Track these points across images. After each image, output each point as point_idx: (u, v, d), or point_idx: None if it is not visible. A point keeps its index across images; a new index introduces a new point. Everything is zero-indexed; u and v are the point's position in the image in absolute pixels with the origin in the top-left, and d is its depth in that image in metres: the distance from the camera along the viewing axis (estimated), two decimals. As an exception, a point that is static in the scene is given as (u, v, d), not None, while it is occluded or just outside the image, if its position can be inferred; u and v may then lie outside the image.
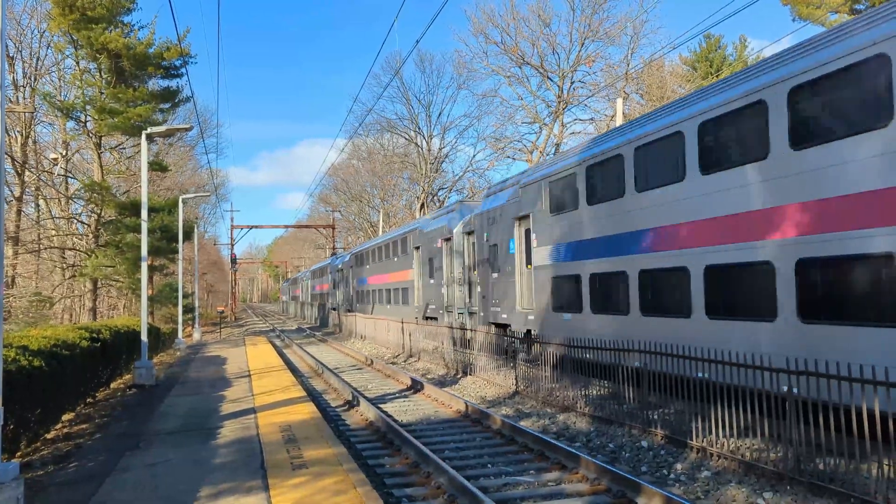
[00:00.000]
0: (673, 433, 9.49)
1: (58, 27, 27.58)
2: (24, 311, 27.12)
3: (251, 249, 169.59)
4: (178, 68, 31.54)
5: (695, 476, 8.18)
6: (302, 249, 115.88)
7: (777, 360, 8.13)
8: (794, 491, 7.28)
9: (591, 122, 45.56)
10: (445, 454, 9.58)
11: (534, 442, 9.79)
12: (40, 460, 9.26)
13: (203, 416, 11.70)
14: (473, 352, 17.64)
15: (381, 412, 12.24)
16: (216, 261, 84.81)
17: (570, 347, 12.66)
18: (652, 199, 11.97)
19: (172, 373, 19.50)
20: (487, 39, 46.69)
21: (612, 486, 7.67)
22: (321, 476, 7.45)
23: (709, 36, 46.26)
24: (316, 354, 26.82)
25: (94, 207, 31.21)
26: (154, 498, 7.00)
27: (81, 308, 33.77)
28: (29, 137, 30.78)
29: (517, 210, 17.30)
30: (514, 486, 8.15)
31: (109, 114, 28.20)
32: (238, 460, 8.40)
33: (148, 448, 9.36)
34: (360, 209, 71.15)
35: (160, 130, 19.93)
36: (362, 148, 65.65)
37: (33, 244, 30.54)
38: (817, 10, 27.65)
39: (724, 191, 10.20)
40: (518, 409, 13.05)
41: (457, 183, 57.01)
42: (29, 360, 9.41)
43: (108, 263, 29.38)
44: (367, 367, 21.88)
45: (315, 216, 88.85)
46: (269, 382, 15.89)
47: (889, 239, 7.65)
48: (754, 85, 9.71)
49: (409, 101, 56.54)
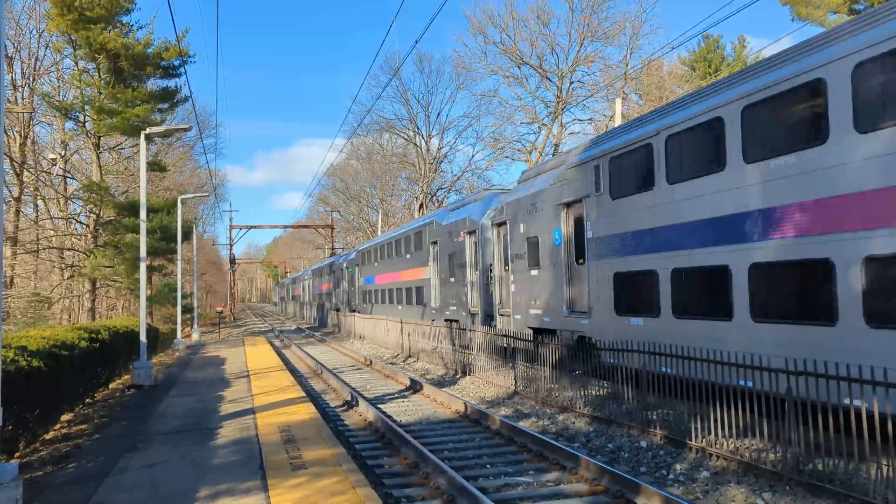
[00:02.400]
0: (672, 433, 9.49)
1: (56, 27, 27.55)
2: (23, 311, 27.09)
3: (250, 250, 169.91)
4: (176, 68, 31.52)
5: (694, 476, 8.18)
6: (301, 250, 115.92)
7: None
8: (793, 491, 7.29)
9: (590, 122, 45.66)
10: (444, 454, 9.57)
11: (533, 442, 9.79)
12: (39, 461, 9.25)
13: (202, 417, 11.70)
14: (472, 352, 17.64)
15: (380, 412, 12.23)
16: (215, 261, 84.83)
17: (680, 359, 9.64)
18: (776, 171, 9.32)
19: (171, 373, 19.49)
20: (486, 39, 46.84)
21: (612, 487, 7.67)
22: (320, 476, 7.44)
23: (707, 36, 46.24)
24: (315, 355, 26.81)
25: (93, 208, 31.20)
26: (153, 498, 6.99)
27: (80, 308, 33.71)
28: (28, 138, 30.73)
29: (563, 195, 14.93)
30: (513, 486, 8.15)
31: (108, 114, 28.18)
32: (237, 461, 8.39)
33: (146, 448, 9.35)
34: (359, 209, 71.18)
35: (159, 131, 19.95)
36: (361, 148, 65.79)
37: (32, 244, 30.49)
38: (817, 11, 27.66)
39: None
40: (517, 409, 13.05)
41: (456, 183, 57.10)
42: (28, 360, 9.40)
43: (106, 264, 29.36)
44: (366, 368, 21.87)
45: (314, 216, 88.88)
46: (267, 383, 15.88)
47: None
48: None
49: (407, 102, 56.60)
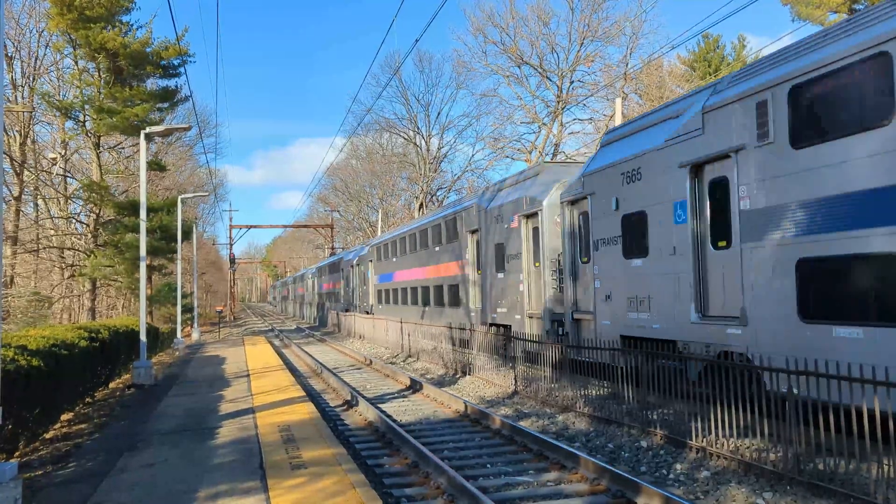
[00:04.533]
0: (672, 433, 9.48)
1: (56, 26, 27.56)
2: (23, 310, 27.10)
3: (250, 249, 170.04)
4: (176, 67, 31.53)
5: (694, 476, 8.17)
6: (301, 249, 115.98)
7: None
8: (793, 491, 7.28)
9: (590, 121, 45.67)
10: (444, 454, 9.56)
11: (533, 442, 9.78)
12: (39, 460, 9.24)
13: (201, 416, 11.68)
14: (472, 352, 17.62)
15: (380, 412, 12.22)
16: (215, 261, 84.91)
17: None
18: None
19: (171, 373, 19.48)
20: (486, 39, 46.85)
21: (612, 486, 7.65)
22: (320, 476, 7.43)
23: (707, 36, 46.25)
24: (315, 354, 26.80)
25: (93, 207, 31.22)
26: (152, 498, 6.98)
27: (80, 308, 33.73)
28: (28, 137, 30.73)
29: (692, 151, 11.35)
30: (513, 486, 8.13)
31: (108, 113, 28.18)
32: (236, 460, 8.38)
33: (146, 448, 9.34)
34: (359, 209, 71.18)
35: (159, 130, 19.92)
36: (361, 148, 65.78)
37: (32, 244, 30.49)
38: (817, 10, 27.66)
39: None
40: (517, 409, 13.04)
41: (456, 183, 57.09)
42: (27, 359, 9.39)
43: (106, 263, 29.37)
44: (366, 367, 21.86)
45: (314, 216, 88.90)
46: (267, 382, 15.87)
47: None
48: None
49: (407, 101, 56.62)
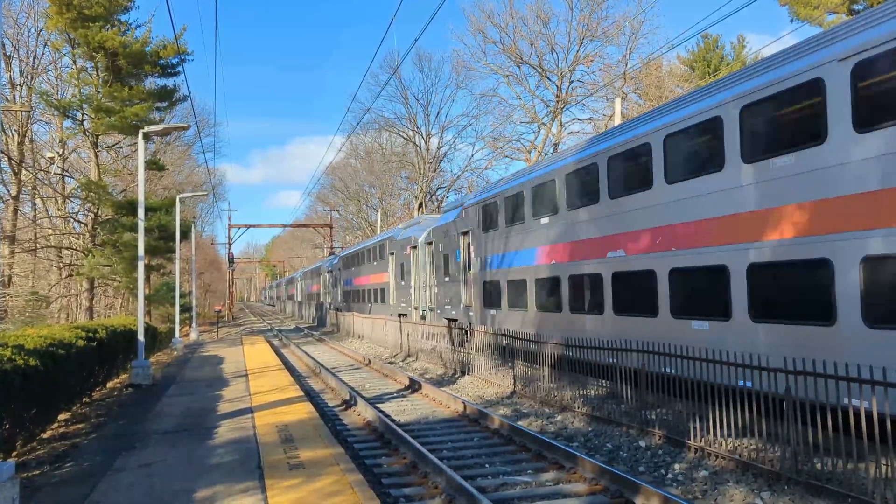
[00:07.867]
0: (671, 433, 9.48)
1: (55, 25, 27.50)
2: (21, 310, 27.08)
3: (249, 249, 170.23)
4: (174, 66, 31.45)
5: (693, 476, 8.17)
6: (300, 249, 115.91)
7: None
8: (791, 491, 7.28)
9: (590, 121, 45.61)
10: (443, 454, 9.55)
11: (532, 442, 9.78)
12: (36, 460, 9.21)
13: (199, 416, 11.67)
14: (471, 352, 17.61)
15: (378, 412, 12.21)
16: (213, 260, 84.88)
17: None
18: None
19: (169, 372, 19.45)
20: (486, 39, 46.76)
21: (610, 486, 7.65)
22: (318, 476, 7.42)
23: (706, 36, 46.33)
24: (314, 354, 26.78)
25: (91, 206, 31.17)
26: (150, 498, 6.97)
27: (78, 307, 33.66)
28: (26, 136, 30.69)
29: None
30: (511, 485, 8.13)
31: (106, 112, 28.13)
32: (234, 460, 8.37)
33: (144, 448, 9.32)
34: (359, 208, 71.13)
35: (157, 129, 19.84)
36: (360, 147, 65.71)
37: (30, 243, 30.44)
38: (815, 11, 27.67)
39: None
40: (516, 408, 13.03)
41: (455, 182, 57.07)
42: (25, 359, 9.36)
43: (105, 263, 29.32)
44: (365, 367, 21.84)
45: (313, 215, 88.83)
46: (266, 382, 15.85)
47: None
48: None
49: (407, 101, 56.51)
